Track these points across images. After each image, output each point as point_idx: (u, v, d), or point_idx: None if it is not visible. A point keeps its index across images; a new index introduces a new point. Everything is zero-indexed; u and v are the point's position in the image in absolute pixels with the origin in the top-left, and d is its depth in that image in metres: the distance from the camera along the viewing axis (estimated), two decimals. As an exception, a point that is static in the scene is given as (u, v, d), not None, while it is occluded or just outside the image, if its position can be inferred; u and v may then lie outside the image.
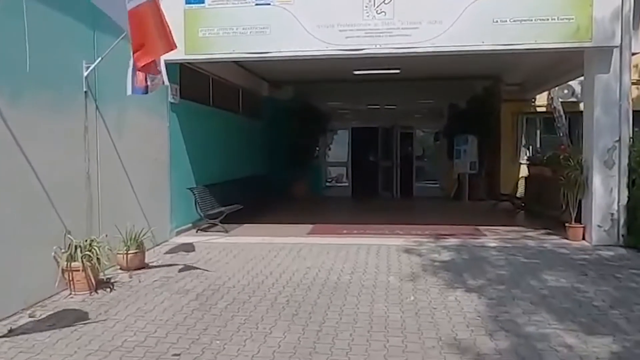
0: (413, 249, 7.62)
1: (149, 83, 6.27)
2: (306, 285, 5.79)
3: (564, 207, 8.29)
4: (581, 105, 13.87)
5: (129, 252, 6.49)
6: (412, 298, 5.30)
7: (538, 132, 14.50)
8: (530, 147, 14.48)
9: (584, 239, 7.95)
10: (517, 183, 12.34)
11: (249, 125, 13.39)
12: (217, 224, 9.14)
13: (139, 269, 6.55)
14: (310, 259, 7.10)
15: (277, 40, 7.89)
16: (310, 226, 9.71)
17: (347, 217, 11.76)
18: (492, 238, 8.37)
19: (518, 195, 12.18)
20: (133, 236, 6.59)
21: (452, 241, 8.12)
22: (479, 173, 14.28)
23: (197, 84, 10.11)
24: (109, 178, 6.67)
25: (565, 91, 13.33)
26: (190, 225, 9.36)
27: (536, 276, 6.06)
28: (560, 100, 13.22)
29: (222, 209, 9.25)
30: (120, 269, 6.53)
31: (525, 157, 13.65)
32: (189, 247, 7.89)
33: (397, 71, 12.60)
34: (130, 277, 6.24)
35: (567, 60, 9.55)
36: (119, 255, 6.51)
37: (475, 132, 14.07)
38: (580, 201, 8.06)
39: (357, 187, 16.74)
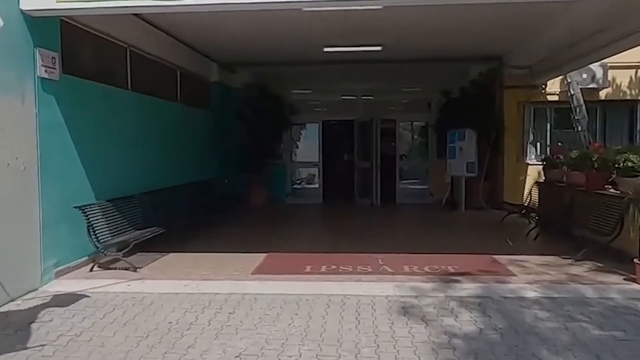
0: (411, 305, 4.88)
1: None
2: (221, 417, 3.00)
3: (619, 230, 5.75)
4: (602, 93, 11.60)
5: None
6: None
7: (549, 125, 11.90)
8: (539, 144, 11.88)
9: (663, 282, 5.36)
10: (530, 190, 9.71)
11: (190, 117, 10.47)
12: (121, 259, 6.26)
13: None
14: (247, 331, 4.29)
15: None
16: (262, 257, 6.90)
17: (314, 239, 8.83)
18: (524, 280, 5.67)
19: (530, 205, 9.50)
20: None
21: (467, 287, 5.42)
22: (478, 176, 11.65)
23: (101, 57, 7.17)
24: None
25: (584, 76, 10.88)
26: (85, 259, 6.43)
27: (641, 378, 3.40)
28: (579, 87, 10.73)
29: (129, 236, 6.35)
30: None
31: (539, 157, 11.05)
32: (61, 304, 5.01)
33: (378, 48, 10.11)
34: None
35: (626, 20, 6.87)
36: None
37: (472, 126, 11.48)
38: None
39: (329, 193, 13.93)
